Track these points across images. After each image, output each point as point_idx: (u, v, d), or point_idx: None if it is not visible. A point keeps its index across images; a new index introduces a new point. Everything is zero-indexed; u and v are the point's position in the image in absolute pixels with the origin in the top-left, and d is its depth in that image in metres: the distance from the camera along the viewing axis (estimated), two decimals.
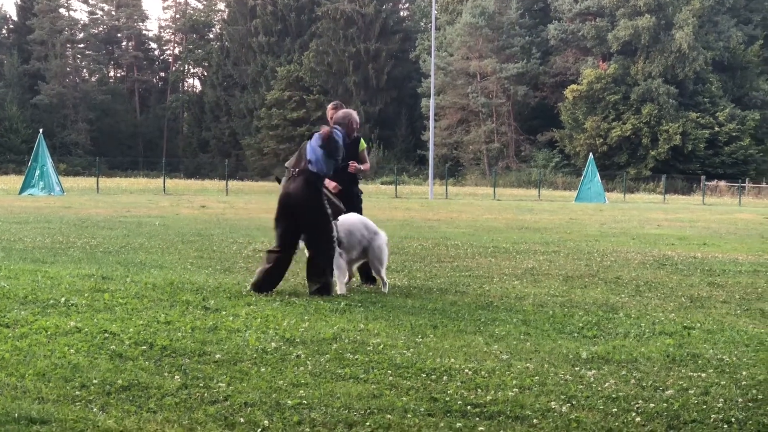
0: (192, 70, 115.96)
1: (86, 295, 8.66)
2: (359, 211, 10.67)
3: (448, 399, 5.37)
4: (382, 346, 6.74)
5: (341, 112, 10.10)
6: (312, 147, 9.46)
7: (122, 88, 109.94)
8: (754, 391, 5.76)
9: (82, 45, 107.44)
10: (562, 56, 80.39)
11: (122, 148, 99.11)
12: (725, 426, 5.07)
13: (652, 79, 72.78)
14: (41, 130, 40.89)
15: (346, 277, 9.95)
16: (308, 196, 9.39)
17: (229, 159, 69.95)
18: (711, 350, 6.97)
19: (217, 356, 6.25)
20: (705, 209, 43.02)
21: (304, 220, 9.45)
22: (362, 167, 10.69)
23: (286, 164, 9.74)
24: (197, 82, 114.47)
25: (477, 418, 5.07)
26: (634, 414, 5.20)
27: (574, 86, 74.62)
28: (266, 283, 9.45)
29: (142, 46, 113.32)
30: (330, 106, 11.03)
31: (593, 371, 6.16)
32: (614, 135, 72.69)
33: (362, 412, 5.09)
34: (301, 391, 5.44)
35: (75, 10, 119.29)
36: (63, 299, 8.27)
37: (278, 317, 7.80)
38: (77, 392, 5.28)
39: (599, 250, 16.37)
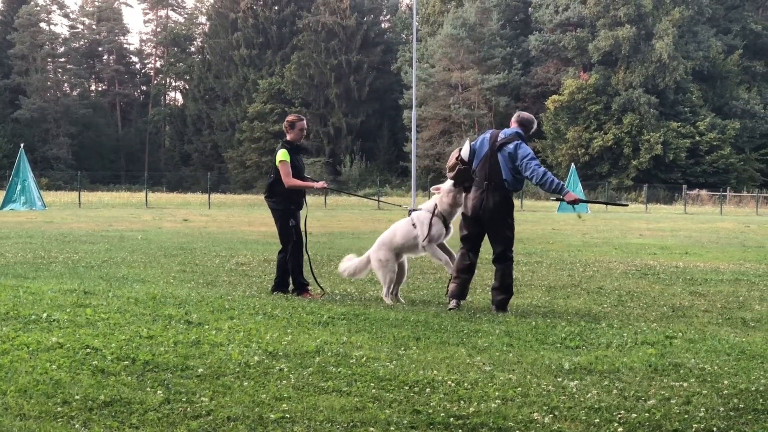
0: (173, 84, 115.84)
1: (68, 310, 8.61)
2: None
3: (431, 411, 5.37)
4: (365, 358, 6.74)
5: (527, 115, 10.14)
6: (504, 161, 9.65)
7: (104, 102, 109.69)
8: (736, 400, 5.78)
9: (63, 59, 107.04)
10: (544, 67, 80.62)
11: (104, 162, 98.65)
12: None
13: (633, 89, 73.10)
14: (22, 145, 40.77)
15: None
16: (503, 211, 9.69)
17: (211, 172, 69.88)
18: (693, 359, 7.00)
19: (200, 370, 6.23)
20: (687, 218, 43.21)
21: (496, 234, 9.72)
22: None
23: (460, 161, 9.81)
24: (179, 96, 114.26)
25: (460, 430, 5.08)
26: (616, 424, 5.22)
27: (555, 96, 74.85)
28: (462, 291, 9.79)
29: (123, 59, 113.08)
30: (296, 117, 11.11)
31: (576, 382, 6.17)
32: (596, 145, 72.95)
33: (345, 425, 5.09)
34: (284, 405, 5.43)
35: (56, 25, 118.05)
36: (45, 315, 8.22)
37: (261, 331, 7.78)
38: (59, 408, 5.25)
39: (582, 260, 16.43)
